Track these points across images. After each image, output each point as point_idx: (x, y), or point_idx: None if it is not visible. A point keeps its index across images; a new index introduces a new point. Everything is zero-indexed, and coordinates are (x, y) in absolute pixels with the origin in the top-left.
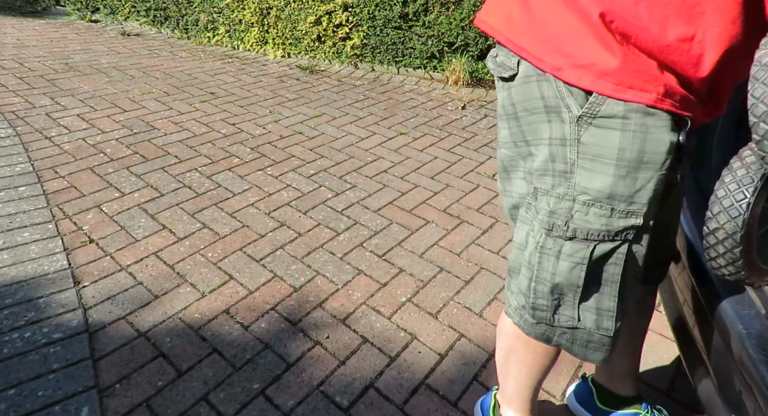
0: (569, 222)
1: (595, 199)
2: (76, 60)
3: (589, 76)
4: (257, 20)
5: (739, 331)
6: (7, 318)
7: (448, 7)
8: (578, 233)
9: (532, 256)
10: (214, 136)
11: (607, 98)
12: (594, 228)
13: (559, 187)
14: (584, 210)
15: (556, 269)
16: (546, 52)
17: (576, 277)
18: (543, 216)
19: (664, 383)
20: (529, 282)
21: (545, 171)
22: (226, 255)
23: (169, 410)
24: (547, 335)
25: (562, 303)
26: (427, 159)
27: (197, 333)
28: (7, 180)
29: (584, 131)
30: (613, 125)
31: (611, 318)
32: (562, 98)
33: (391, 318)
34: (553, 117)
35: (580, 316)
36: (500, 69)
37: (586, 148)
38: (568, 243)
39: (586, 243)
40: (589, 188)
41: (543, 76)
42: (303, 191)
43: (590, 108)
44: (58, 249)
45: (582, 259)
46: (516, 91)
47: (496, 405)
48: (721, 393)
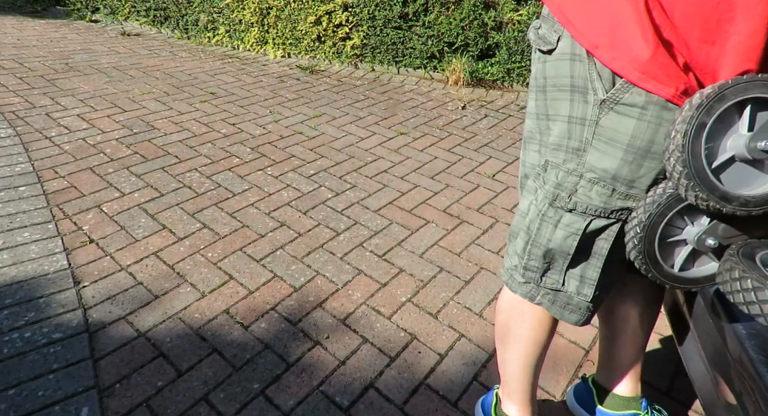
0: (572, 196)
1: (600, 178)
2: (76, 60)
3: (621, 60)
4: (257, 20)
5: (740, 332)
6: (7, 318)
7: (448, 7)
8: (578, 206)
9: (533, 222)
10: (214, 136)
11: (632, 87)
12: (593, 204)
13: (569, 162)
14: (588, 186)
15: (552, 236)
16: (589, 28)
17: (568, 246)
18: (549, 187)
19: (664, 383)
20: (525, 245)
21: (559, 146)
22: (226, 255)
23: (169, 410)
24: (532, 294)
25: (551, 268)
26: (427, 159)
27: (197, 333)
28: (7, 180)
29: (604, 115)
30: (631, 113)
31: (591, 286)
32: (591, 81)
33: (391, 318)
34: (576, 97)
35: (564, 281)
36: (540, 41)
37: (603, 130)
38: (567, 215)
39: (583, 216)
40: (597, 167)
41: (578, 56)
42: (303, 191)
43: (614, 94)
44: (58, 249)
45: (577, 230)
46: (550, 65)
47: (497, 402)
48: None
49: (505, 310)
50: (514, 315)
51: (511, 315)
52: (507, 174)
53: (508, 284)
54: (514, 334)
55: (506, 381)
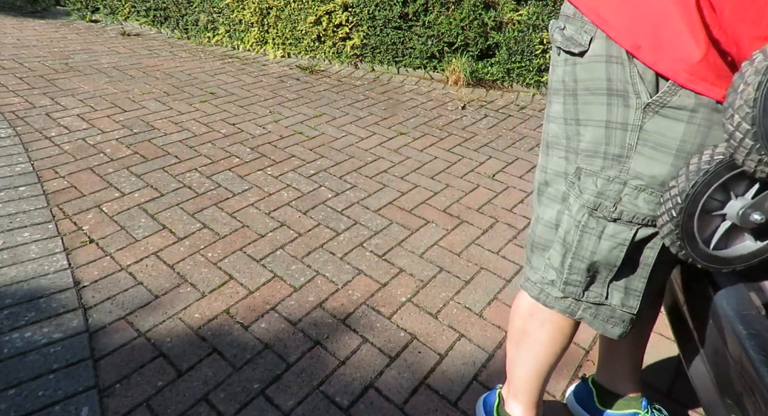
0: (617, 205)
1: (647, 185)
2: (76, 60)
3: (667, 61)
4: (257, 20)
5: (740, 332)
6: (7, 318)
7: (448, 7)
8: (624, 215)
9: (569, 234)
10: (214, 136)
11: (680, 89)
12: (641, 212)
13: (609, 169)
14: (634, 194)
15: (596, 248)
16: (629, 28)
17: (615, 257)
18: (588, 196)
19: (664, 383)
20: (563, 259)
21: (594, 152)
22: (226, 255)
23: (169, 410)
24: (571, 309)
25: (594, 281)
26: (427, 159)
27: (197, 333)
28: (7, 180)
29: (649, 119)
30: (680, 117)
31: (637, 298)
32: (632, 84)
33: (391, 318)
34: (615, 100)
35: (608, 293)
36: (568, 43)
37: (648, 135)
38: (611, 225)
39: (629, 225)
40: (644, 174)
41: (614, 58)
42: (303, 191)
43: (661, 97)
44: (58, 249)
45: (623, 241)
46: (582, 68)
47: (500, 402)
48: (722, 394)
49: (524, 316)
50: (534, 322)
51: (531, 322)
52: (507, 174)
53: (540, 299)
54: (532, 340)
55: (514, 382)
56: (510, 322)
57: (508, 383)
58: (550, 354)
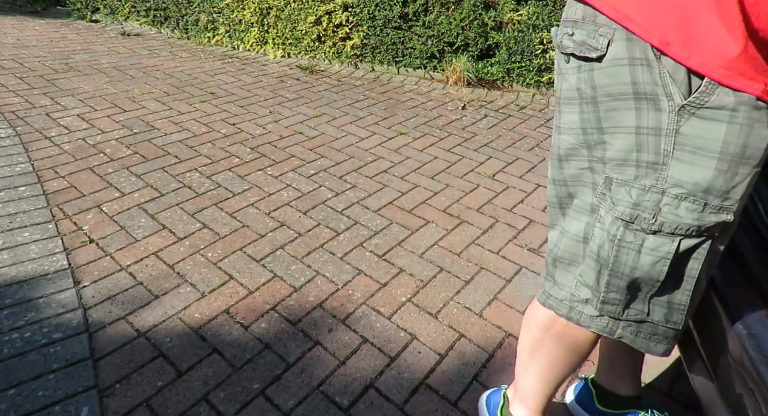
0: (657, 216)
1: (689, 193)
2: (76, 60)
3: (700, 56)
4: (257, 20)
5: (740, 332)
6: (7, 318)
7: (448, 7)
8: (665, 227)
9: (603, 249)
10: (214, 136)
11: (717, 87)
12: (684, 222)
13: (644, 178)
14: (675, 203)
15: (637, 263)
16: (655, 22)
17: (658, 272)
18: (624, 207)
19: (664, 383)
20: (598, 276)
21: (625, 161)
22: (226, 255)
23: (169, 410)
24: (609, 328)
25: (635, 298)
26: (427, 159)
27: (197, 333)
28: (7, 180)
29: (685, 122)
30: (719, 117)
31: (681, 312)
32: (663, 86)
33: (391, 318)
34: (644, 104)
35: (650, 310)
36: (582, 48)
37: (686, 139)
38: (651, 237)
39: (671, 237)
40: (685, 181)
41: (639, 59)
42: (303, 191)
43: (698, 97)
44: (58, 249)
45: (666, 254)
46: (601, 73)
47: (505, 403)
48: (722, 394)
49: (542, 329)
50: (554, 336)
51: (550, 336)
52: (507, 174)
53: (572, 318)
54: (549, 353)
55: (524, 387)
56: (524, 330)
57: (516, 386)
58: (566, 367)
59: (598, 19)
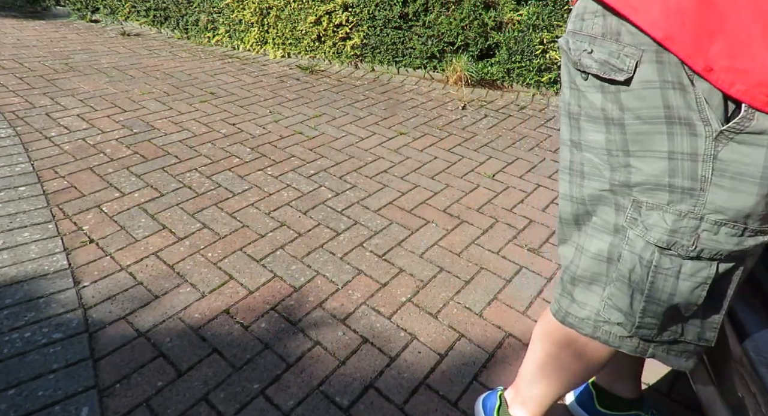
0: (697, 242)
1: (730, 219)
2: (76, 60)
3: (743, 83)
4: (257, 20)
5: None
6: (7, 318)
7: (448, 7)
8: (704, 253)
9: (635, 274)
10: (214, 136)
11: (756, 112)
12: (725, 248)
13: (680, 203)
14: (714, 229)
15: (675, 290)
16: (702, 46)
17: (696, 297)
18: (659, 234)
19: (664, 384)
20: (631, 301)
21: (656, 185)
22: (226, 255)
23: (169, 410)
24: (641, 348)
25: (671, 321)
26: (427, 159)
27: (197, 333)
28: (7, 180)
29: (723, 147)
30: (760, 142)
31: (714, 330)
32: (699, 110)
33: (391, 318)
34: (678, 129)
35: (683, 330)
36: (605, 69)
37: (725, 165)
38: (688, 263)
39: (709, 262)
40: (726, 208)
41: (672, 83)
42: (303, 191)
43: (739, 123)
44: (58, 249)
45: (705, 279)
46: (630, 95)
47: (501, 405)
48: (722, 395)
49: (562, 345)
50: (571, 352)
51: (567, 352)
52: (507, 174)
53: (599, 338)
54: (565, 367)
55: (527, 393)
56: (538, 342)
57: (518, 389)
58: (579, 380)
59: (622, 38)
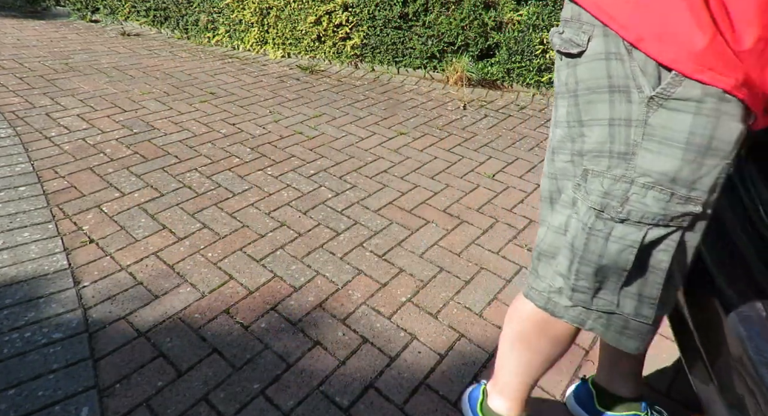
0: (625, 205)
1: (656, 182)
2: (76, 60)
3: (672, 51)
4: (257, 20)
5: (740, 333)
6: (7, 318)
7: (448, 7)
8: (632, 215)
9: (577, 238)
10: (214, 136)
11: (684, 80)
12: (650, 211)
13: (616, 168)
14: (642, 192)
15: (604, 251)
16: (634, 21)
17: (624, 261)
18: (595, 197)
19: (664, 383)
20: (570, 264)
21: (600, 152)
22: (226, 255)
23: (169, 410)
24: (581, 319)
25: (604, 287)
26: (427, 159)
27: (197, 333)
28: (7, 180)
29: (653, 113)
30: (686, 108)
31: (652, 306)
32: (633, 78)
33: (391, 318)
34: (617, 97)
35: (619, 301)
36: (566, 45)
37: (654, 130)
38: (619, 226)
39: (638, 226)
40: (652, 170)
41: (613, 54)
42: (303, 191)
43: (665, 89)
44: (58, 249)
45: (633, 243)
46: (582, 68)
47: (484, 399)
48: (722, 394)
49: (524, 322)
50: (535, 330)
51: (532, 329)
52: (507, 174)
53: (548, 309)
54: (530, 346)
55: (503, 380)
56: (507, 322)
57: (496, 379)
58: (546, 361)
59: (582, 17)
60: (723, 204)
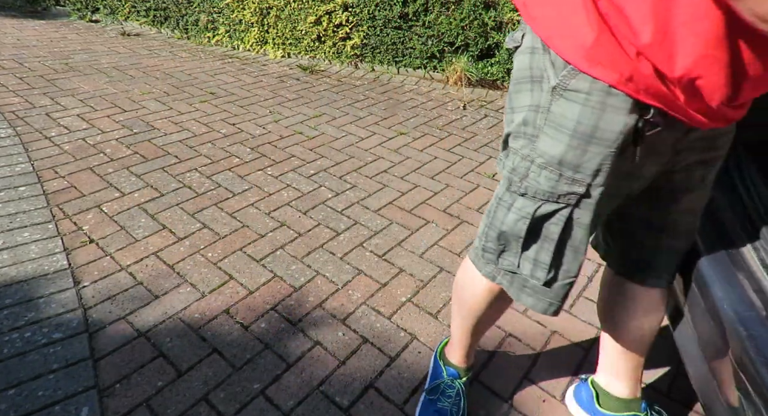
0: (524, 181)
1: (547, 163)
2: (76, 60)
3: (570, 48)
4: (257, 20)
5: (740, 333)
6: (7, 318)
7: (448, 7)
8: (529, 191)
9: (491, 206)
10: (214, 136)
11: (578, 74)
12: (542, 189)
13: (525, 148)
14: (538, 171)
15: (505, 219)
16: (546, 20)
17: (519, 229)
18: (506, 172)
19: (664, 383)
20: (484, 228)
21: (518, 133)
22: (226, 255)
23: (169, 410)
24: (492, 274)
25: (507, 250)
26: (427, 159)
27: (197, 333)
28: (7, 180)
29: (555, 101)
30: (577, 99)
31: (544, 270)
32: (545, 69)
33: (391, 318)
34: (535, 86)
35: (520, 263)
36: (511, 41)
37: (553, 116)
38: (520, 199)
39: (533, 201)
40: (546, 153)
41: (536, 49)
42: (303, 191)
43: (562, 80)
44: (58, 249)
45: (526, 214)
46: (515, 61)
47: (444, 345)
48: (722, 394)
49: (461, 278)
50: (467, 283)
51: (464, 283)
52: None
53: (474, 262)
54: (462, 300)
55: (452, 332)
56: (454, 283)
57: (451, 335)
58: (476, 315)
59: (522, 18)
60: (723, 204)
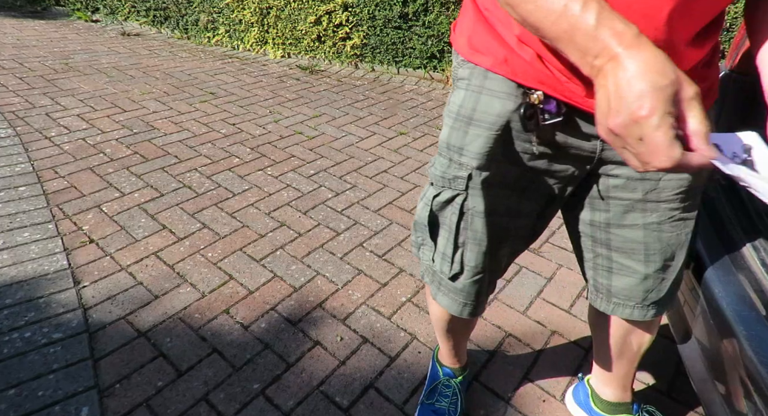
0: (431, 169)
1: (440, 149)
2: (76, 60)
3: (459, 41)
4: (257, 20)
5: (740, 332)
6: (7, 318)
7: (448, 7)
8: (432, 178)
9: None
10: (214, 136)
11: (465, 63)
12: (437, 174)
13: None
14: (438, 159)
15: (418, 208)
16: (459, 25)
17: (423, 216)
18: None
19: (664, 383)
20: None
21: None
22: (226, 255)
23: (169, 410)
24: (422, 271)
25: (425, 242)
26: (427, 159)
27: (197, 333)
28: (7, 180)
29: (453, 92)
30: (461, 85)
31: (448, 262)
32: (455, 67)
33: (391, 318)
34: (456, 84)
35: (434, 257)
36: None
37: (449, 105)
38: (430, 189)
39: (435, 188)
40: (440, 139)
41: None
42: (303, 191)
43: (454, 71)
44: (58, 249)
45: (427, 201)
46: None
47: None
48: (722, 394)
49: (427, 290)
50: (428, 292)
51: (428, 292)
52: None
53: (419, 257)
54: (431, 311)
55: (438, 341)
56: None
57: None
58: (439, 322)
59: None
60: (723, 204)
